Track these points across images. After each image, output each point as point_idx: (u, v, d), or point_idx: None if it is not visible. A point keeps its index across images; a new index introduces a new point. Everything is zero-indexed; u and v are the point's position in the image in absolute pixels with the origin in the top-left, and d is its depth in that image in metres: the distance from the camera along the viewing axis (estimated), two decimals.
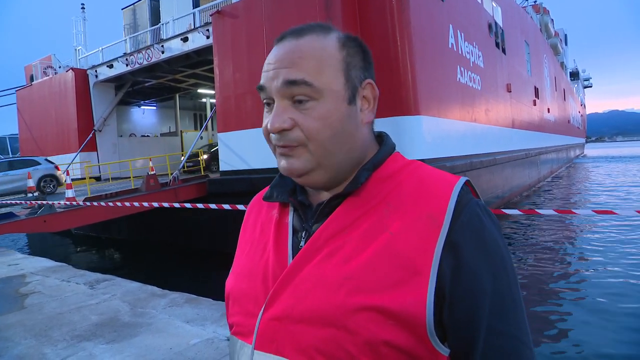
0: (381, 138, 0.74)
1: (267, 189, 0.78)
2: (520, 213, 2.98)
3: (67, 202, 8.48)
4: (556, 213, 2.86)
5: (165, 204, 5.60)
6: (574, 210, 2.88)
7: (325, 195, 0.70)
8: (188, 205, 4.94)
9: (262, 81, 0.67)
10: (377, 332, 0.57)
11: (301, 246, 0.67)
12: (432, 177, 0.66)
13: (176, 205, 5.34)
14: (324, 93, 0.63)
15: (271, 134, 0.66)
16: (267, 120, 0.66)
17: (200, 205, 4.73)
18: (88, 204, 8.26)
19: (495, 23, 15.95)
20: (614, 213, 2.69)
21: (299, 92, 0.63)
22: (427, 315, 0.56)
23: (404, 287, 0.57)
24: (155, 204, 5.69)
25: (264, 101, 0.68)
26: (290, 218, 0.72)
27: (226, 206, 4.24)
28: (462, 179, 0.65)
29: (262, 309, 0.65)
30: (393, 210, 0.63)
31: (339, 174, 0.67)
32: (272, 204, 0.77)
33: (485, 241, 0.60)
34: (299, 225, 0.70)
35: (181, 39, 13.68)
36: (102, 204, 7.91)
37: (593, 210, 2.64)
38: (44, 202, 8.59)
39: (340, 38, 0.67)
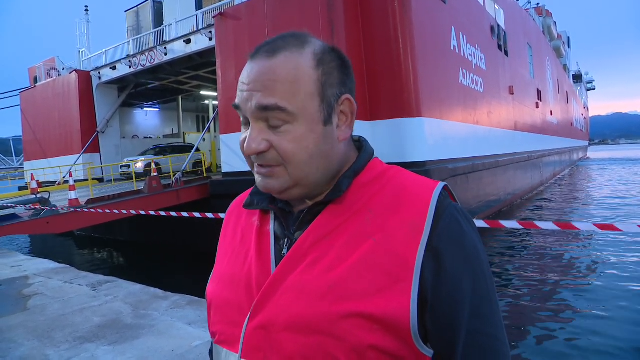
0: (360, 143, 0.74)
1: (246, 193, 0.77)
2: (519, 226, 2.96)
3: (71, 208, 8.50)
4: (557, 227, 2.84)
5: (163, 212, 5.66)
6: (574, 224, 2.84)
7: (306, 203, 0.69)
8: (173, 214, 5.07)
9: (237, 100, 0.66)
10: (364, 338, 0.58)
11: (284, 254, 0.66)
12: (411, 183, 0.67)
13: (173, 214, 5.39)
14: (299, 116, 0.63)
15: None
16: (243, 138, 0.66)
17: (197, 214, 4.80)
18: (92, 210, 8.28)
19: (498, 25, 15.94)
20: (617, 229, 2.67)
21: (273, 116, 0.62)
22: (412, 320, 0.58)
23: (388, 293, 0.58)
24: (152, 212, 5.76)
25: (241, 118, 0.67)
26: (271, 225, 0.72)
27: (211, 215, 4.26)
28: (441, 184, 0.66)
29: (248, 318, 0.65)
30: (375, 217, 0.63)
31: (316, 188, 0.67)
32: (253, 210, 0.76)
33: (465, 246, 0.62)
34: (281, 233, 0.70)
35: (184, 41, 13.73)
36: (100, 210, 7.92)
37: (594, 224, 2.61)
38: (45, 207, 8.60)
39: (316, 53, 0.65)
